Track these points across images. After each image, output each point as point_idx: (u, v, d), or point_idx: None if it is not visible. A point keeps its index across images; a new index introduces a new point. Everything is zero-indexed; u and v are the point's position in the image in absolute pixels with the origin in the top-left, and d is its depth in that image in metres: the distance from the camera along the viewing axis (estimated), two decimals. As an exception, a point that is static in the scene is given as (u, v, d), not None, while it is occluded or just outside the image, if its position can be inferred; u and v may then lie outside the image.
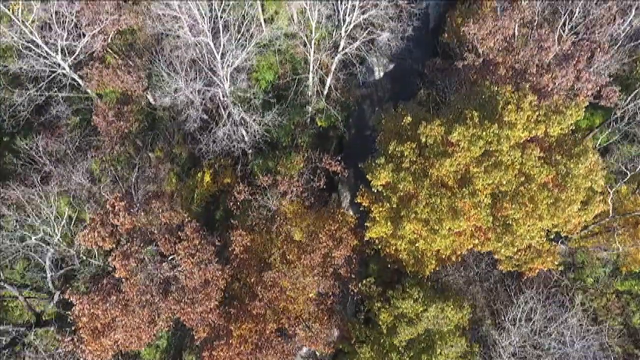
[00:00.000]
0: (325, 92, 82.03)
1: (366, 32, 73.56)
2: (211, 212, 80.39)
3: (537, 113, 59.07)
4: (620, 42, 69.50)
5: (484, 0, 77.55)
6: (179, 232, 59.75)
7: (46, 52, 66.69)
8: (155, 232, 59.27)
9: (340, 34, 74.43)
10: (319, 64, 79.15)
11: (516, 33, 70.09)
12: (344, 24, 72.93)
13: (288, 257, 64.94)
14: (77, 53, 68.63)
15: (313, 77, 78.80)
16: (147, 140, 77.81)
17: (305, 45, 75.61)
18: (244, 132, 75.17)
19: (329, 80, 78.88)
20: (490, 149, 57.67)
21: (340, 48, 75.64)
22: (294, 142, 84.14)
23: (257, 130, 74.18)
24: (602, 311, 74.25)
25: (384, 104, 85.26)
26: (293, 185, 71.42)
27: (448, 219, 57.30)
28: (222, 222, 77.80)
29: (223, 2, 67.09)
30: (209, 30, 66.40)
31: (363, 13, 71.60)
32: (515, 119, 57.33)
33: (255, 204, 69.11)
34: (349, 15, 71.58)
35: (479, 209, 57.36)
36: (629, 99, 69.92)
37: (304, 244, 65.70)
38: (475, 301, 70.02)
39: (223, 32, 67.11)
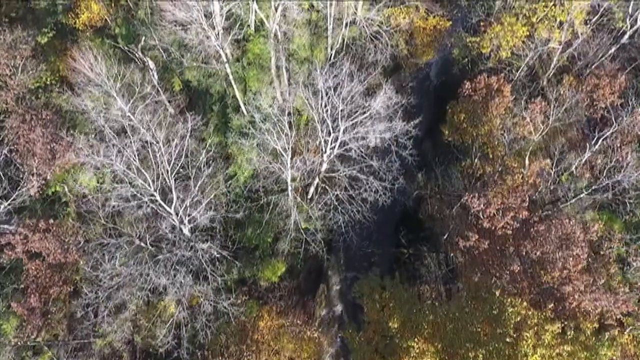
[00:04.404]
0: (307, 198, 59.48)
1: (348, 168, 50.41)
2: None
3: (560, 347, 37.67)
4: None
5: (490, 104, 54.12)
6: None
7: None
8: None
9: (322, 161, 51.46)
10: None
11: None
12: (325, 150, 50.02)
13: None
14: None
15: (292, 194, 56.16)
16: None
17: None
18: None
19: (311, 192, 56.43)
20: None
21: (323, 169, 52.84)
22: (274, 247, 62.31)
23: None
24: None
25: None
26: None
27: None
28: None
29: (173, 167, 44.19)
30: (157, 191, 44.20)
31: (343, 145, 48.54)
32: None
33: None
34: (331, 145, 48.57)
35: None
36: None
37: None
38: None
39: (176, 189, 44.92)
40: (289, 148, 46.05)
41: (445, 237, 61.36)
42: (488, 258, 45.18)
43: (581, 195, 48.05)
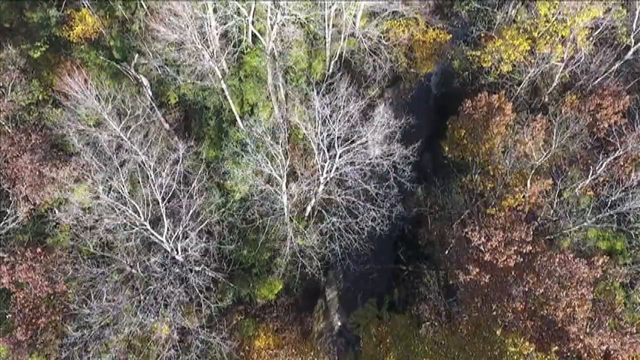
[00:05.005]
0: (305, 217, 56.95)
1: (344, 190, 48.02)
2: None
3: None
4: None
5: (491, 123, 51.82)
6: None
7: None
8: None
9: (318, 183, 49.17)
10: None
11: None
12: (322, 173, 47.59)
13: None
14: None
15: (288, 216, 53.62)
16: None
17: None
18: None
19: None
20: None
21: (320, 190, 50.54)
22: (271, 264, 59.79)
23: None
24: None
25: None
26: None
27: None
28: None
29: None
30: (147, 220, 41.83)
31: (339, 170, 46.21)
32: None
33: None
34: (327, 169, 46.21)
35: None
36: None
37: None
38: None
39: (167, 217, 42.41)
40: (284, 175, 43.69)
41: (445, 253, 59.09)
42: (489, 291, 42.79)
43: (585, 224, 45.59)
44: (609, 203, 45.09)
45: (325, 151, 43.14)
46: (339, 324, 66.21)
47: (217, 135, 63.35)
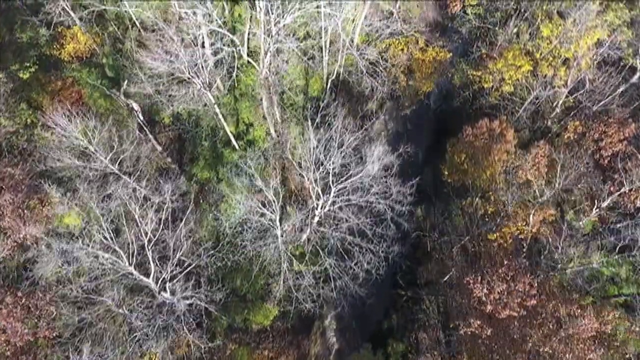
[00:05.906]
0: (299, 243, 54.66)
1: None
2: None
3: None
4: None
5: (492, 150, 49.57)
6: None
7: None
8: None
9: (313, 215, 46.77)
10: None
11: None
12: (316, 208, 45.18)
13: None
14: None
15: (283, 249, 51.27)
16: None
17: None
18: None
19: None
20: None
21: (315, 222, 48.13)
22: (267, 290, 57.54)
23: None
24: None
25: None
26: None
27: None
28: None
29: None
30: (133, 265, 39.49)
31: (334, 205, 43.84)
32: None
33: None
34: (320, 208, 43.80)
35: None
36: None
37: None
38: None
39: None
40: (276, 218, 41.27)
41: (444, 280, 56.99)
42: (490, 343, 40.36)
43: (592, 265, 43.20)
44: (617, 249, 42.61)
45: (320, 192, 40.71)
46: (336, 346, 64.14)
47: (211, 156, 61.21)
